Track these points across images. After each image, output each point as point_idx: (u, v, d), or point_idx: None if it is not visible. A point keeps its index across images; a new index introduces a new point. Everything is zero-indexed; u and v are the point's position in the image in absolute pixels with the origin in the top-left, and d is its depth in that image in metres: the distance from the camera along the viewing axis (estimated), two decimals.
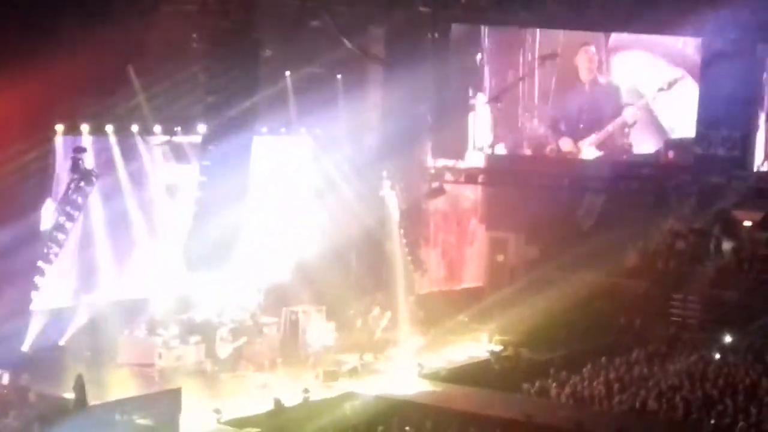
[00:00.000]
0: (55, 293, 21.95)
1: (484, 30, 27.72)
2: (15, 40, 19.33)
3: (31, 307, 21.45)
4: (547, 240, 31.26)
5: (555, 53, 26.98)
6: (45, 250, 21.41)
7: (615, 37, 28.51)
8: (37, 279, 21.35)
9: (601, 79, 29.25)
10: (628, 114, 29.48)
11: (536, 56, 27.49)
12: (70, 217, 21.77)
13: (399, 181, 28.66)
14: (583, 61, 28.88)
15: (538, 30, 27.48)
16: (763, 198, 29.81)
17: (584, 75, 28.98)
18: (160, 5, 21.34)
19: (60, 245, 21.65)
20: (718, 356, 25.77)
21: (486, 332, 27.40)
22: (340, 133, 26.86)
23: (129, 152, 23.30)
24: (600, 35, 28.10)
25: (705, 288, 30.26)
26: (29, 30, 19.43)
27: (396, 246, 28.72)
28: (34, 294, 21.35)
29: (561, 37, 27.93)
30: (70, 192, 21.73)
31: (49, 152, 21.33)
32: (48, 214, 21.57)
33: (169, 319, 23.52)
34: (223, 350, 23.35)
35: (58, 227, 21.64)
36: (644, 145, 29.61)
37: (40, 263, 21.34)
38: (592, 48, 28.46)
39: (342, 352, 24.55)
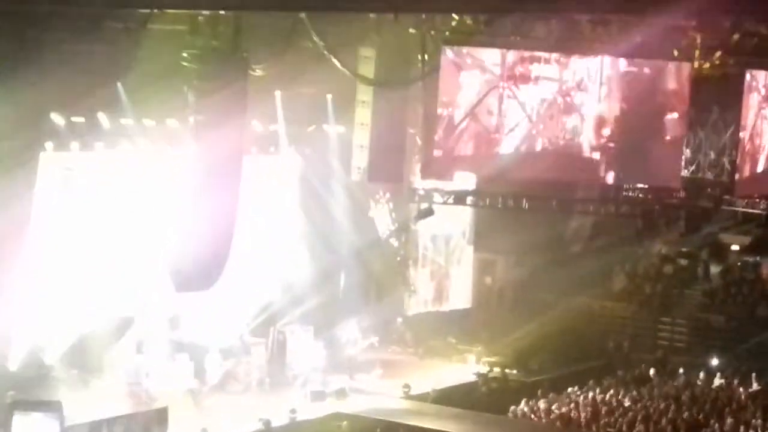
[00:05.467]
0: (42, 311, 21.84)
1: None
2: (1, 55, 19.26)
3: (18, 325, 21.35)
4: (535, 262, 31.30)
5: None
6: (31, 268, 21.35)
7: None
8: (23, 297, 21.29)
9: None
10: None
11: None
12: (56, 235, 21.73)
13: (388, 201, 28.69)
14: None
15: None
16: (750, 222, 29.92)
17: None
18: (148, 23, 21.31)
19: (47, 263, 21.59)
20: (705, 380, 25.82)
21: (474, 354, 27.39)
22: (329, 153, 26.88)
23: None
24: None
25: (693, 312, 30.37)
26: (16, 45, 19.36)
27: (384, 267, 28.74)
28: (21, 312, 21.26)
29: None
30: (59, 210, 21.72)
31: (36, 169, 21.28)
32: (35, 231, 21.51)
33: (157, 338, 23.47)
34: (211, 370, 23.28)
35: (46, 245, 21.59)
36: None
37: (25, 281, 21.27)
38: None
39: (329, 373, 24.51)
